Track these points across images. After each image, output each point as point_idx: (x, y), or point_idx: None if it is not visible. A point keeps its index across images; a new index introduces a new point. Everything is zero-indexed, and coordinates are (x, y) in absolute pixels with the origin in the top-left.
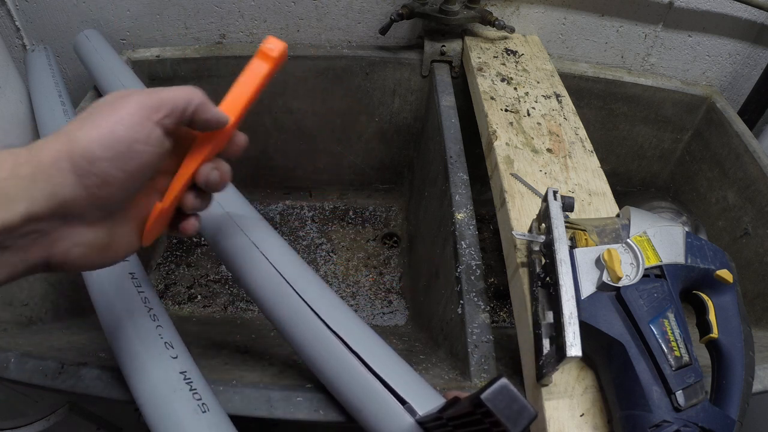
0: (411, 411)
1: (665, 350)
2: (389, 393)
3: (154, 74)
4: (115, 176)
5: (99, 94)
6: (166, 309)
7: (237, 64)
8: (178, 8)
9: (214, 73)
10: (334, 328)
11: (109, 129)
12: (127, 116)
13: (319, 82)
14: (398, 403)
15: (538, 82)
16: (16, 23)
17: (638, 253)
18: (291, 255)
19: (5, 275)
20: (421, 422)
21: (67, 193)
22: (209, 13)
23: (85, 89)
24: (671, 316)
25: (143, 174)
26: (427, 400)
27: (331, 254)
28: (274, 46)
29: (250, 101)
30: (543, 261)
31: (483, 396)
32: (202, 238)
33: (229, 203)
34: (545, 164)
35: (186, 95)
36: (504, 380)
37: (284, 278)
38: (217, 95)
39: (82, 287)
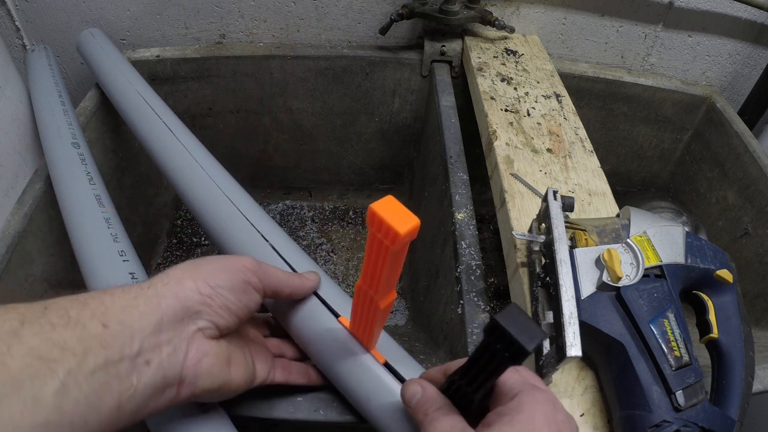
0: None
1: (665, 350)
2: (397, 381)
3: (154, 74)
4: (232, 302)
5: (101, 92)
6: None
7: (237, 64)
8: (178, 8)
9: (214, 73)
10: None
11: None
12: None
13: (319, 82)
14: None
15: (538, 82)
16: (16, 23)
17: (638, 253)
18: (292, 246)
19: (149, 395)
20: None
21: (191, 304)
22: (209, 13)
23: (85, 89)
24: (671, 316)
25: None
26: None
27: (331, 254)
28: (397, 232)
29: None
30: (543, 261)
31: (496, 316)
32: (203, 238)
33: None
34: (545, 164)
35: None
36: (514, 303)
37: (288, 264)
38: (217, 95)
39: (82, 288)
